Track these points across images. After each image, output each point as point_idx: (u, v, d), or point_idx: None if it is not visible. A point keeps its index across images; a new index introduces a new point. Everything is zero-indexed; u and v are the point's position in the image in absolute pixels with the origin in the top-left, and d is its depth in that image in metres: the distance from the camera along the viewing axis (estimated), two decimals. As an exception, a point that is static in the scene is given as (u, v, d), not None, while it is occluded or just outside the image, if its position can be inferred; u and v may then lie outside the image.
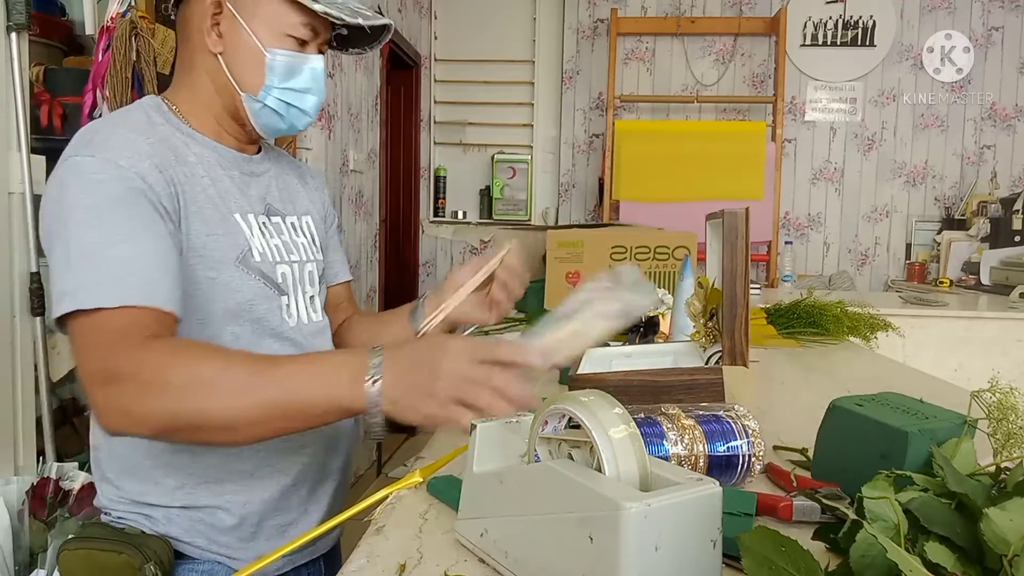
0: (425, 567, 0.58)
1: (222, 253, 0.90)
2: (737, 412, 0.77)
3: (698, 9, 4.31)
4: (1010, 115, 4.20)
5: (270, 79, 0.92)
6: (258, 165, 1.02)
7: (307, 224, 1.07)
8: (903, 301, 3.09)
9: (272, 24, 0.92)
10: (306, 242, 1.05)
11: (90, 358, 0.75)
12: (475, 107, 4.41)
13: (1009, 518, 0.43)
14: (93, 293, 0.75)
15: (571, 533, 0.48)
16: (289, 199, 1.05)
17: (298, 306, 1.00)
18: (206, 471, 0.92)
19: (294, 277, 1.00)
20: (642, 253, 2.04)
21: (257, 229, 0.96)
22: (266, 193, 1.01)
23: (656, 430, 0.73)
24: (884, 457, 0.61)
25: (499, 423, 0.64)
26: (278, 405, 0.71)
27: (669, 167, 3.96)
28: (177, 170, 0.88)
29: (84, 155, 0.82)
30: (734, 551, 0.46)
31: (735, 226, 0.96)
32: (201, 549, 0.92)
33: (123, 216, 0.80)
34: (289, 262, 1.00)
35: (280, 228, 1.01)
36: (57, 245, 0.79)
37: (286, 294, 0.98)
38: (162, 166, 0.85)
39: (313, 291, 1.04)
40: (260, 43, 0.91)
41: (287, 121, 0.97)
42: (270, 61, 0.92)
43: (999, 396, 0.65)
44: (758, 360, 1.42)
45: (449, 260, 4.57)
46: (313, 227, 1.08)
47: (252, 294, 0.93)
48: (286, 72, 0.93)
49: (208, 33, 0.92)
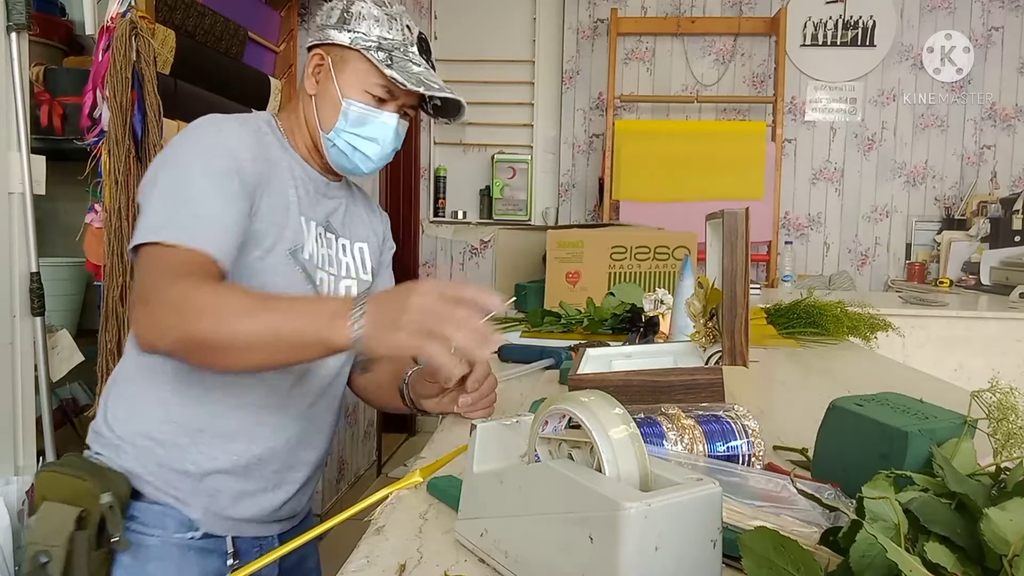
0: (425, 567, 0.58)
1: (276, 240, 1.06)
2: (737, 412, 0.77)
3: (698, 9, 4.31)
4: (1010, 115, 4.20)
5: (342, 123, 1.11)
6: (332, 190, 1.19)
7: (359, 249, 1.23)
8: (903, 301, 3.09)
9: (356, 81, 1.10)
10: (352, 263, 1.21)
11: (146, 279, 0.92)
12: (475, 107, 4.41)
13: (1009, 518, 0.43)
14: (176, 232, 0.93)
15: (571, 533, 0.48)
16: (350, 224, 1.22)
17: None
18: (191, 418, 1.05)
19: (330, 285, 1.15)
20: (642, 253, 2.04)
21: (314, 235, 1.13)
22: (331, 213, 1.18)
23: (656, 430, 0.73)
24: (884, 457, 0.61)
25: (499, 423, 0.64)
26: (272, 329, 0.83)
27: (669, 167, 3.96)
28: (267, 168, 1.06)
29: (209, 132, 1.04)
30: (734, 551, 0.46)
31: (735, 226, 0.96)
32: (159, 491, 1.04)
33: (220, 185, 0.98)
34: (329, 272, 1.15)
35: (331, 243, 1.17)
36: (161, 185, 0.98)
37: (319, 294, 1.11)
38: (256, 160, 1.04)
39: None
40: (341, 93, 1.10)
41: (351, 162, 1.14)
42: (345, 109, 1.10)
43: (999, 396, 0.65)
44: (758, 360, 1.42)
45: (449, 260, 4.57)
46: (366, 253, 1.24)
47: (291, 281, 1.07)
48: (357, 121, 1.11)
49: (308, 77, 1.14)
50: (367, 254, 1.24)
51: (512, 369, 1.30)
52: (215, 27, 2.10)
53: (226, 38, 2.16)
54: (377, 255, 1.28)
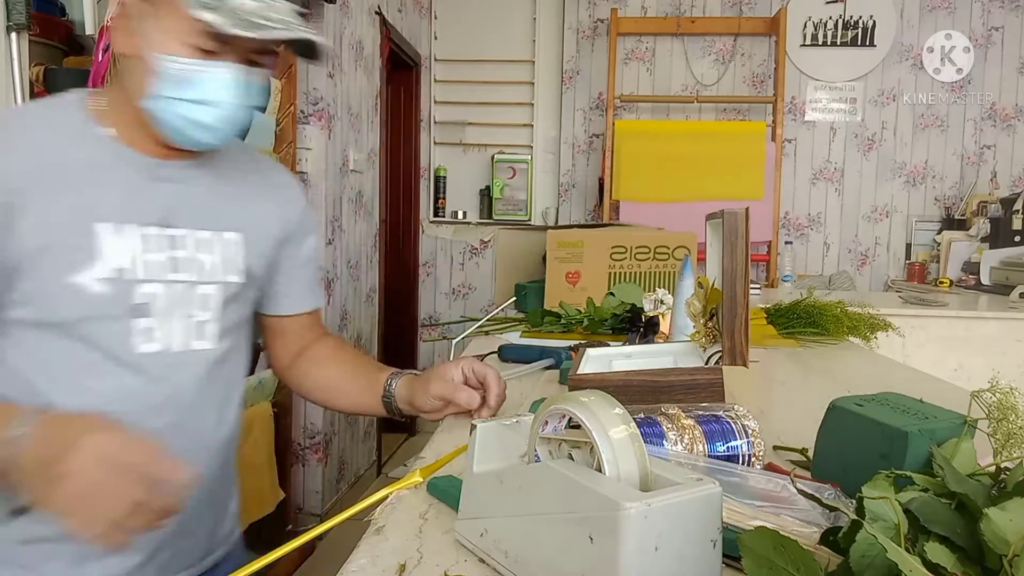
0: (425, 567, 0.58)
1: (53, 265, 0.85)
2: (737, 412, 0.77)
3: (698, 9, 4.31)
4: (1010, 115, 4.20)
5: (159, 87, 0.84)
6: (174, 171, 0.93)
7: (228, 241, 0.98)
8: (903, 301, 3.09)
9: (171, 29, 0.83)
10: (215, 261, 0.96)
11: None
12: (475, 107, 4.41)
13: (1009, 518, 0.43)
14: None
15: (571, 533, 0.48)
16: (209, 211, 0.96)
17: (168, 331, 0.92)
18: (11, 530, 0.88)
19: (171, 298, 0.92)
20: (642, 253, 2.04)
21: (133, 241, 0.89)
22: (173, 202, 0.92)
23: (656, 430, 0.73)
24: (884, 457, 0.61)
25: (499, 423, 0.64)
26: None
27: (669, 167, 3.96)
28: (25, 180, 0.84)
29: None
30: (734, 551, 0.46)
31: (735, 226, 0.96)
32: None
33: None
34: (167, 281, 0.92)
35: (174, 242, 0.92)
36: None
37: (147, 316, 0.90)
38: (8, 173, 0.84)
39: (208, 316, 0.96)
40: (151, 48, 0.84)
41: (185, 135, 0.88)
42: (159, 68, 0.84)
43: (999, 396, 0.65)
44: (758, 360, 1.42)
45: (449, 260, 4.57)
46: (239, 246, 0.99)
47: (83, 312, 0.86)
48: (178, 81, 0.84)
49: (115, 31, 0.87)
50: (240, 248, 0.99)
51: (512, 369, 1.30)
52: (215, 27, 2.10)
53: (226, 38, 2.16)
54: (270, 248, 1.04)
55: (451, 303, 4.58)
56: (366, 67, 3.44)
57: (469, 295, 4.56)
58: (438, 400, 0.97)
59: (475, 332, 1.76)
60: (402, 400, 1.02)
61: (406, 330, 4.44)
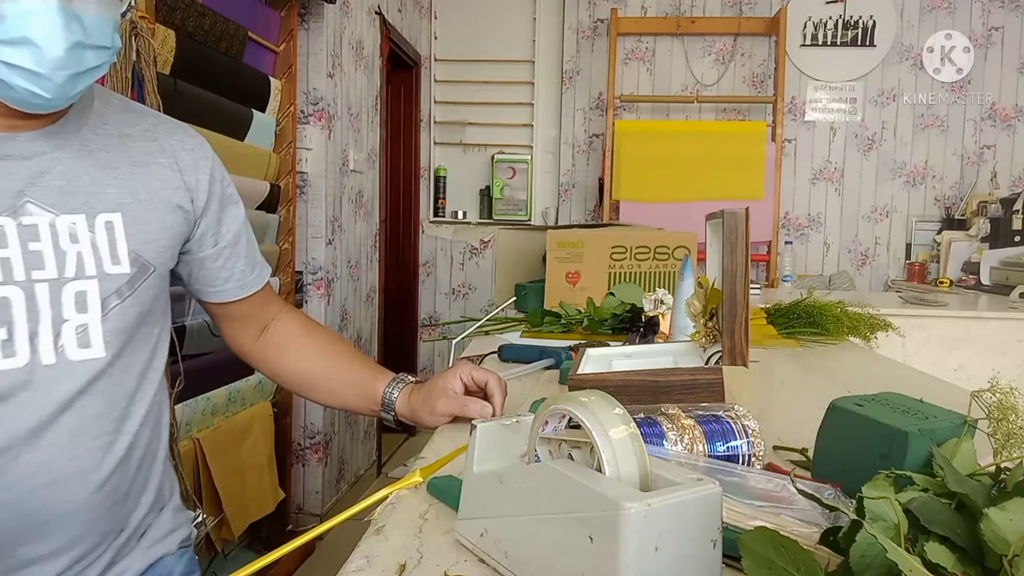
0: (425, 567, 0.58)
1: None
2: (737, 412, 0.77)
3: (698, 9, 4.31)
4: (1010, 115, 4.20)
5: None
6: (27, 145, 0.78)
7: (106, 225, 0.82)
8: (903, 301, 3.09)
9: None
10: (88, 252, 0.80)
11: None
12: (475, 107, 4.41)
13: (1009, 518, 0.43)
14: None
15: (571, 533, 0.48)
16: (75, 191, 0.80)
17: (36, 341, 0.77)
18: None
19: (34, 302, 0.77)
20: (642, 253, 2.04)
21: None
22: (27, 184, 0.77)
23: (656, 430, 0.73)
24: (884, 457, 0.61)
25: (499, 423, 0.64)
26: None
27: (669, 167, 3.96)
28: None
29: None
30: (734, 551, 0.46)
31: (735, 226, 0.96)
32: None
33: None
34: (25, 281, 0.76)
35: (34, 232, 0.77)
36: None
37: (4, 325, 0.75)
38: None
39: (88, 318, 0.80)
40: None
41: (14, 91, 0.72)
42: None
43: (999, 396, 0.65)
44: (758, 360, 1.42)
45: (449, 260, 4.57)
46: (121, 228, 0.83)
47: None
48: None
49: None
50: (120, 231, 0.83)
51: (512, 369, 1.30)
52: (215, 27, 2.10)
53: (226, 38, 2.16)
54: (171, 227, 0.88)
55: (451, 303, 4.58)
56: (366, 67, 3.44)
57: (469, 295, 4.56)
58: (446, 417, 0.93)
59: (475, 332, 1.76)
60: (404, 417, 0.98)
61: (406, 330, 4.44)
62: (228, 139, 2.15)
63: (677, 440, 0.73)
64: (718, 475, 0.61)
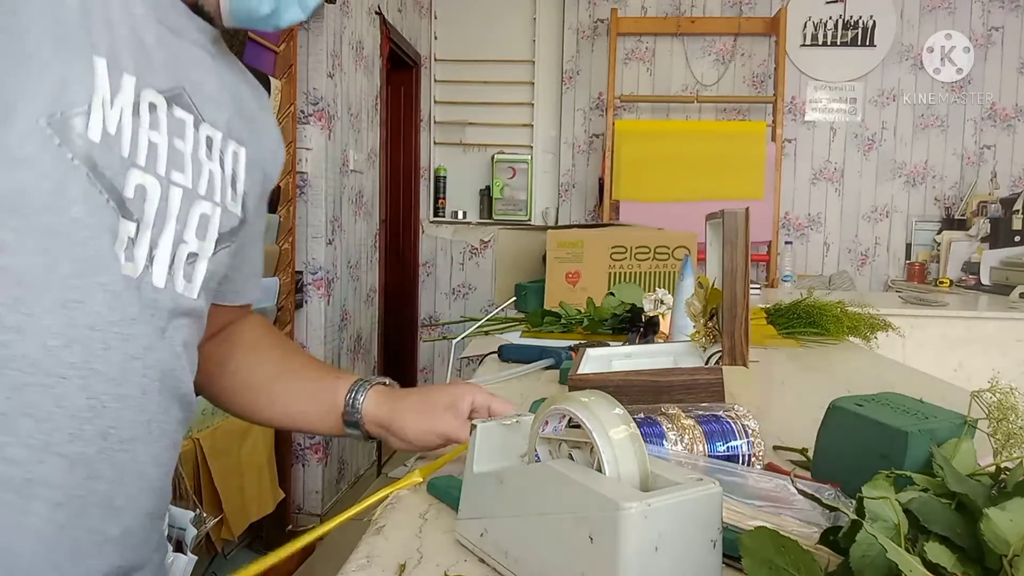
0: (425, 567, 0.58)
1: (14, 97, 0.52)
2: (737, 412, 0.77)
3: (698, 9, 4.31)
4: (1010, 115, 4.20)
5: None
6: (199, 33, 0.67)
7: (234, 154, 0.70)
8: (903, 301, 3.09)
9: None
10: (220, 174, 0.68)
11: None
12: (475, 107, 4.41)
13: (1009, 518, 0.43)
14: None
15: (571, 533, 0.48)
16: (225, 107, 0.70)
17: (155, 255, 0.61)
18: None
19: (166, 204, 0.62)
20: (642, 253, 2.05)
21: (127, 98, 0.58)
22: (186, 73, 0.65)
23: (656, 430, 0.73)
24: (884, 457, 0.61)
25: (499, 423, 0.64)
26: None
27: (669, 167, 3.96)
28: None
29: None
30: (734, 551, 0.46)
31: (735, 226, 0.96)
32: None
33: None
34: (163, 177, 0.61)
35: (181, 129, 0.63)
36: None
37: (135, 221, 0.59)
38: None
39: (199, 248, 0.66)
40: None
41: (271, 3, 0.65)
42: None
43: (999, 396, 0.65)
44: (758, 360, 1.42)
45: (449, 260, 4.57)
46: (242, 163, 0.72)
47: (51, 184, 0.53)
48: None
49: None
50: (242, 165, 0.72)
51: (512, 369, 1.30)
52: (215, 27, 2.10)
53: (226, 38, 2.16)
54: (258, 176, 0.75)
55: (451, 303, 4.58)
56: (366, 67, 3.44)
57: (469, 295, 4.57)
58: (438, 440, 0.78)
59: (475, 332, 1.76)
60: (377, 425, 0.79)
61: (406, 330, 4.44)
62: (228, 139, 2.14)
63: (677, 440, 0.73)
64: (718, 475, 0.61)
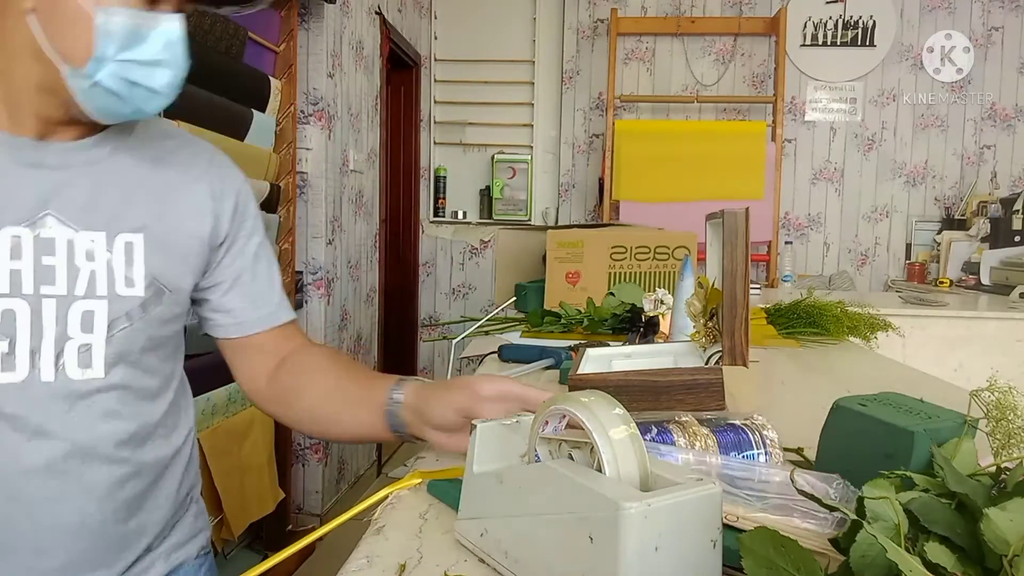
0: (425, 567, 0.58)
1: None
2: (756, 422, 0.76)
3: (698, 9, 4.31)
4: (1010, 115, 4.20)
5: (106, 47, 0.69)
6: (58, 156, 0.77)
7: (128, 245, 0.80)
8: (903, 301, 3.09)
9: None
10: (103, 271, 0.78)
11: None
12: (475, 107, 4.41)
13: (1009, 518, 0.43)
14: None
15: (571, 533, 0.48)
16: (98, 208, 0.78)
17: (37, 358, 0.75)
18: None
19: (39, 317, 0.75)
20: (642, 253, 2.04)
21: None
22: (51, 196, 0.76)
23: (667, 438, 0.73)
24: (889, 457, 0.61)
25: (499, 423, 0.63)
26: None
27: (669, 167, 3.96)
28: None
29: None
30: (734, 561, 0.46)
31: (735, 226, 0.96)
32: None
33: None
34: (33, 295, 0.75)
35: (50, 246, 0.75)
36: None
37: (7, 338, 0.74)
38: None
39: (92, 339, 0.78)
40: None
41: (131, 104, 0.73)
42: (103, 24, 0.68)
43: (998, 395, 0.65)
44: (758, 360, 1.42)
45: (449, 260, 4.57)
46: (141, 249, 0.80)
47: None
48: (128, 38, 0.70)
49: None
50: (140, 252, 0.80)
51: (512, 369, 1.30)
52: (215, 27, 2.10)
53: (226, 38, 2.16)
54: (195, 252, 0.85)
55: (451, 303, 4.58)
56: (366, 67, 3.44)
57: (469, 295, 4.57)
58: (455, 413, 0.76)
59: (475, 332, 1.76)
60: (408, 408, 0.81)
61: (406, 330, 4.44)
62: (228, 139, 2.15)
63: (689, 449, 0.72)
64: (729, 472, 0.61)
